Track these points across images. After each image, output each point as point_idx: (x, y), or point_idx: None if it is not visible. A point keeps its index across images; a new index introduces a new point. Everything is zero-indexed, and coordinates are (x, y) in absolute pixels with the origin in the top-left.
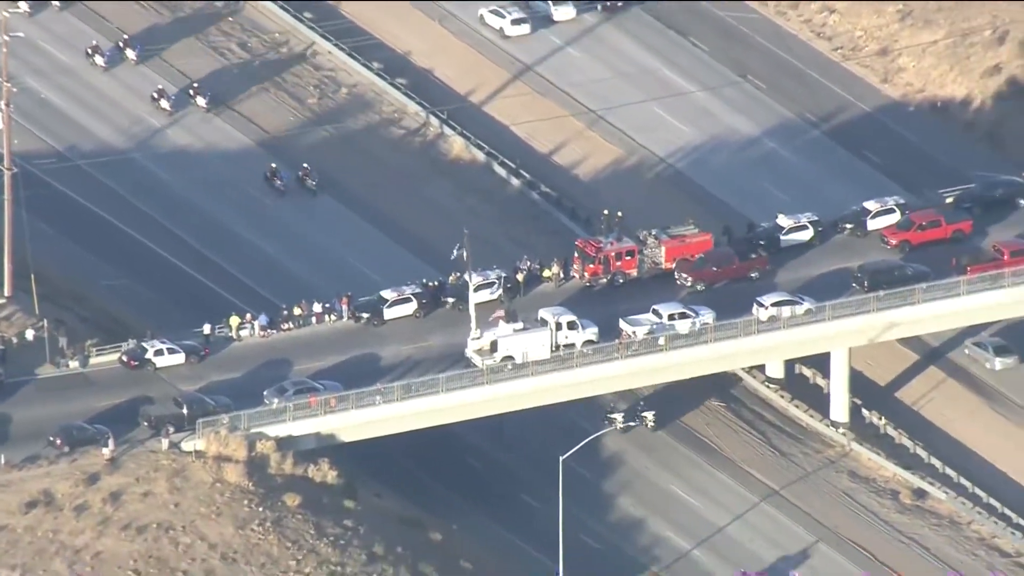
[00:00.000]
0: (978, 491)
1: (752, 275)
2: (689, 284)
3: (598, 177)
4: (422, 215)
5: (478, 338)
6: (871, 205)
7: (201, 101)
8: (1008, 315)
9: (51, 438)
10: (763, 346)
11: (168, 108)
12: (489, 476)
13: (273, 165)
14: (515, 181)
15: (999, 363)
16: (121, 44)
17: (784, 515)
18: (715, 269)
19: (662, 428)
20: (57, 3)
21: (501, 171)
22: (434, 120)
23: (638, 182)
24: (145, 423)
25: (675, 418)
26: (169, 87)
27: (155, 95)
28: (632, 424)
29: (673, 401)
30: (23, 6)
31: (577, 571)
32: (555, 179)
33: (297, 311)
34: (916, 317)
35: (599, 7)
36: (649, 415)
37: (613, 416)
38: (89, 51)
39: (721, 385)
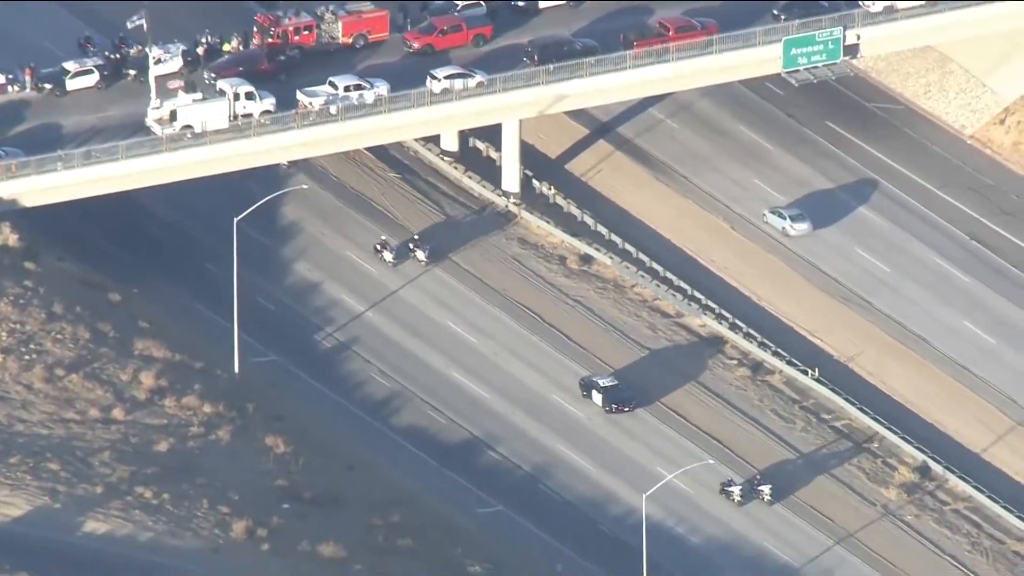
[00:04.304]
0: (642, 256)
1: (281, 78)
2: (215, 83)
3: None
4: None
5: (158, 108)
6: None
7: None
8: (671, 89)
9: None
10: (436, 117)
11: None
12: (169, 242)
13: None
14: None
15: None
16: None
17: (452, 277)
18: (240, 70)
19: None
20: None
21: None
22: None
23: None
24: None
25: (352, 188)
26: None
27: None
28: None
29: (347, 170)
30: None
31: (253, 332)
32: None
33: None
34: (584, 90)
35: None
36: (766, 489)
37: (731, 489)
38: None
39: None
